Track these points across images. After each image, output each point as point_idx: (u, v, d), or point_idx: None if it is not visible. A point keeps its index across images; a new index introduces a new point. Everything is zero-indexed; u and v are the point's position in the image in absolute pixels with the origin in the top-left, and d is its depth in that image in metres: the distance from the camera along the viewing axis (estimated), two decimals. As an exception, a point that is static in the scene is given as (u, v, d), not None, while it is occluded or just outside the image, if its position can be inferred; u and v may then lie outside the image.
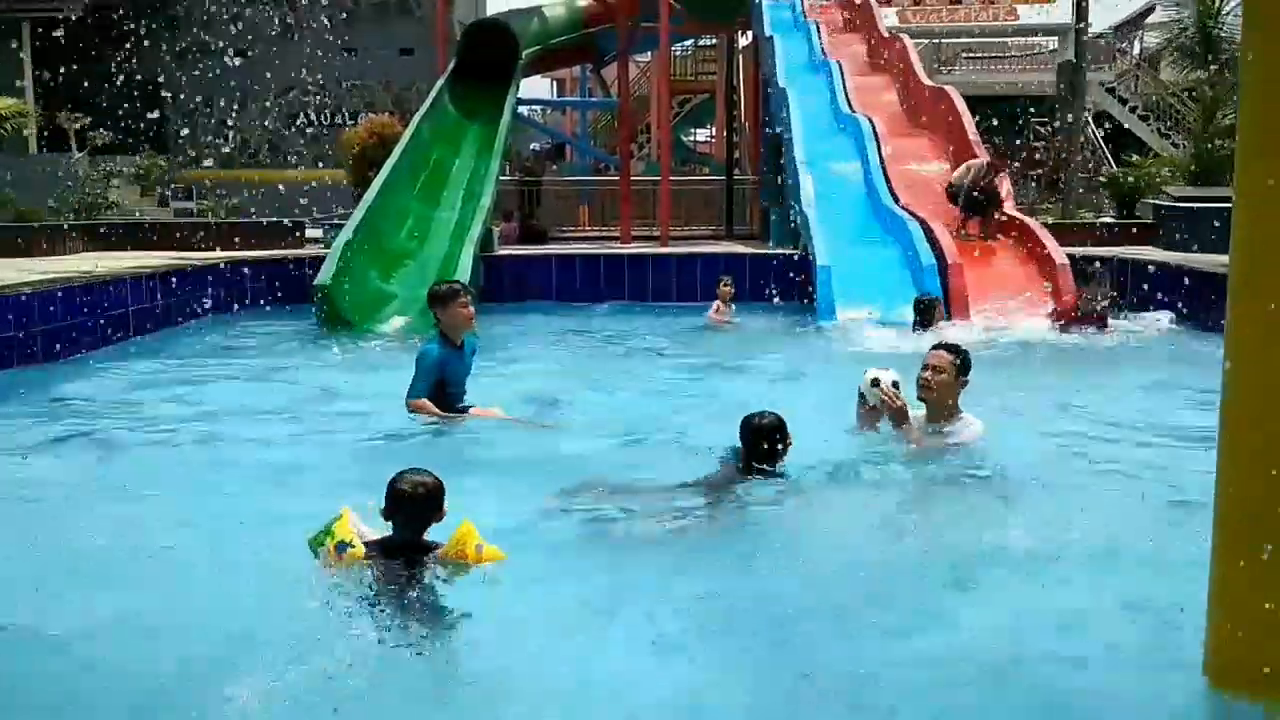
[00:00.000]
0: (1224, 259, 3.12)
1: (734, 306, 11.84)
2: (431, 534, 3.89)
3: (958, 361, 5.58)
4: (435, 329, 6.66)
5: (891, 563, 4.18)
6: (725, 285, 11.83)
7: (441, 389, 6.45)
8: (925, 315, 10.06)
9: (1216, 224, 12.82)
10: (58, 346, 9.16)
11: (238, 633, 3.50)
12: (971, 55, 31.65)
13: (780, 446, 5.04)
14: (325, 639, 3.37)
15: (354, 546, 3.81)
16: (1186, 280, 10.98)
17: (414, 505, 3.81)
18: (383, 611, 3.56)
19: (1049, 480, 5.28)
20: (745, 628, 3.63)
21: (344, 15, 22.98)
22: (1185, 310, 10.63)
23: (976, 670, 3.32)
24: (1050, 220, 15.33)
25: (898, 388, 5.48)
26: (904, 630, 3.60)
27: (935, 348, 5.74)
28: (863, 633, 3.61)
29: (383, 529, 3.91)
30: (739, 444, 5.12)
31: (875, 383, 5.51)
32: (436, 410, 6.39)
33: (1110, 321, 10.49)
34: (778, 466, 5.03)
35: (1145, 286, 11.66)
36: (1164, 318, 10.65)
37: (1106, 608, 3.75)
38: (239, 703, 3.03)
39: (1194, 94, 21.78)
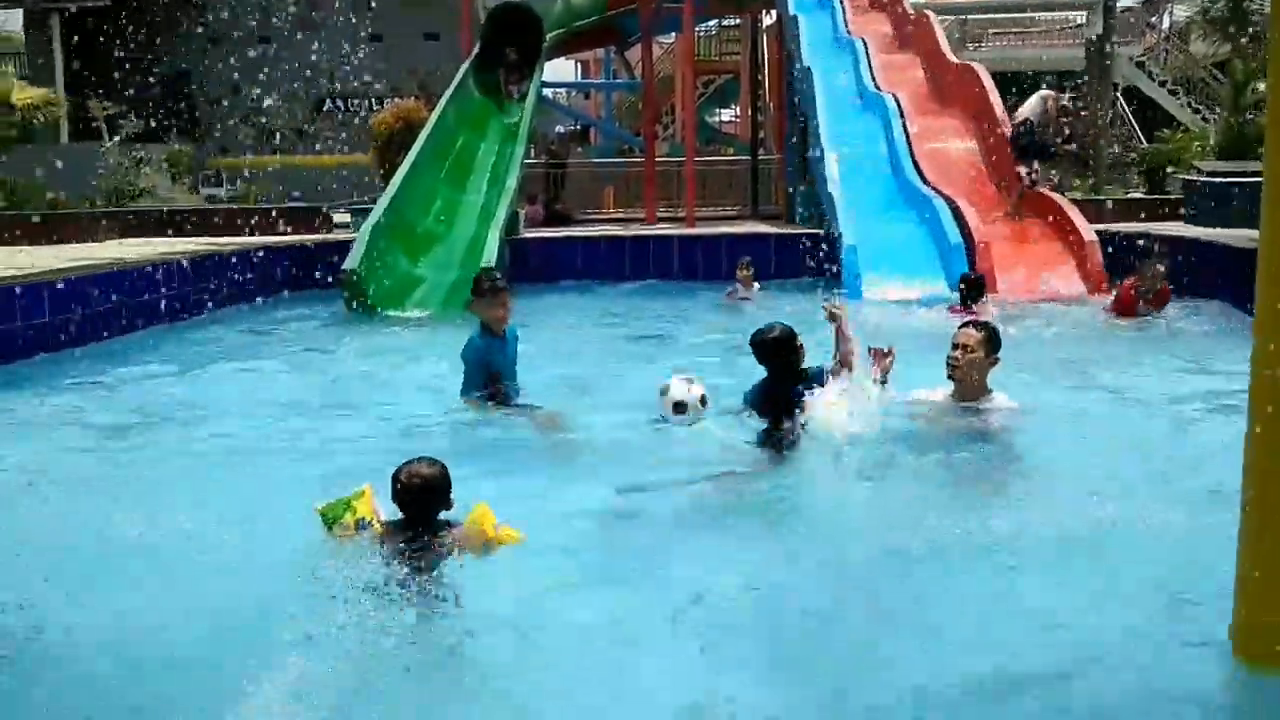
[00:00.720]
0: (1254, 234, 3.11)
1: (756, 286, 11.75)
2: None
3: (987, 339, 5.56)
4: (466, 313, 6.59)
5: (916, 548, 4.14)
6: (744, 269, 11.74)
7: (492, 382, 6.23)
8: (972, 291, 9.99)
9: (1247, 199, 12.68)
10: (88, 333, 9.28)
11: (251, 615, 3.51)
12: (998, 30, 31.34)
13: (796, 356, 5.22)
14: (339, 622, 3.38)
15: (374, 525, 3.85)
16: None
17: (411, 495, 3.81)
18: (397, 593, 3.55)
19: (1079, 460, 5.24)
20: (768, 617, 3.63)
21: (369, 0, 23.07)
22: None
23: (1003, 654, 3.33)
24: (1079, 197, 15.22)
25: (705, 404, 5.17)
26: (925, 616, 3.61)
27: (963, 326, 5.74)
28: (885, 621, 3.60)
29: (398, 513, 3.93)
30: (747, 393, 5.32)
31: (679, 407, 5.13)
32: (490, 408, 6.13)
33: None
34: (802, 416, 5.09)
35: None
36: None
37: (1137, 588, 3.73)
38: (251, 685, 3.03)
39: (1224, 67, 21.49)
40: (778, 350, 5.25)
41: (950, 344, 5.66)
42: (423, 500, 3.82)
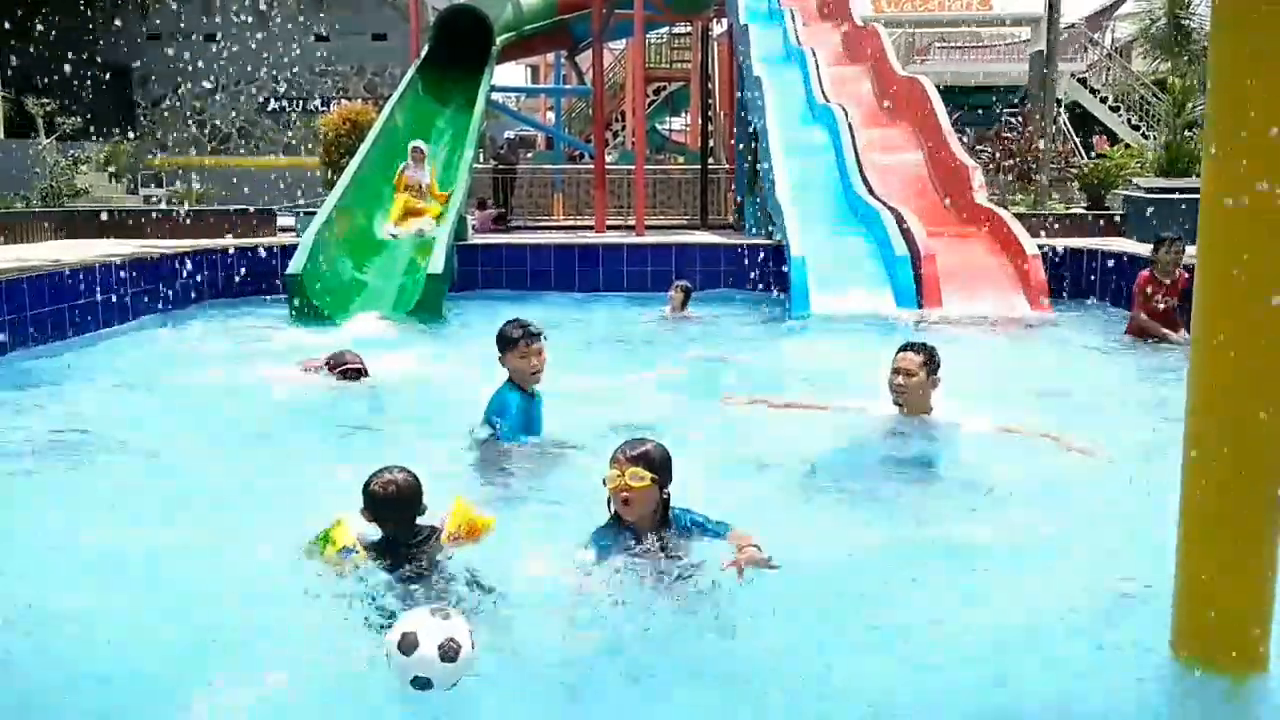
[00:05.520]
0: (1192, 249, 3.17)
1: (689, 311, 11.12)
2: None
3: (926, 362, 5.58)
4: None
5: (852, 559, 4.17)
6: (676, 291, 11.17)
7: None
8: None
9: (1185, 215, 12.95)
10: (23, 337, 9.06)
11: (241, 642, 3.41)
12: (945, 45, 31.80)
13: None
14: (337, 641, 3.35)
15: (357, 551, 3.76)
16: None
17: (386, 505, 3.75)
18: (397, 606, 3.50)
19: (1021, 471, 5.28)
20: (710, 631, 3.58)
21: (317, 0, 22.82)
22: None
23: (946, 659, 3.36)
24: (1022, 211, 15.44)
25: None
26: (865, 626, 3.63)
27: (902, 349, 5.70)
28: (830, 632, 3.61)
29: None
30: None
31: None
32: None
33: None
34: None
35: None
36: None
37: (1078, 591, 3.80)
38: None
39: (1164, 85, 21.94)
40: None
41: (891, 368, 5.65)
42: (398, 506, 3.76)
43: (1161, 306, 9.14)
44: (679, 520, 3.96)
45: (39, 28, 21.84)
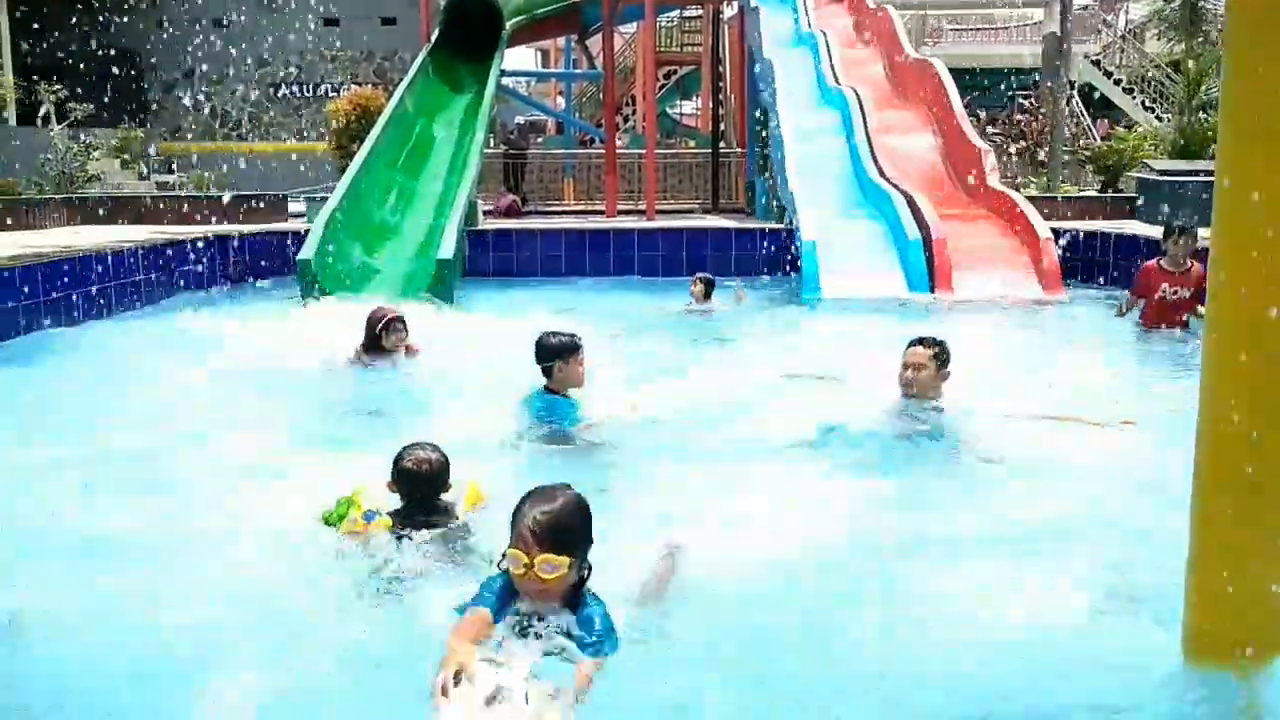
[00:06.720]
0: (1206, 231, 3.14)
1: (713, 302, 10.81)
2: None
3: (935, 355, 5.59)
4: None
5: (853, 546, 4.17)
6: (696, 284, 10.88)
7: None
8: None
9: (1199, 197, 12.88)
10: (38, 321, 9.10)
11: (262, 616, 3.45)
12: (957, 27, 31.61)
13: None
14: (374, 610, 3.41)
15: (380, 515, 3.87)
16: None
17: (417, 481, 3.86)
18: (435, 576, 3.58)
19: (1032, 460, 5.26)
20: (714, 618, 3.56)
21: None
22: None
23: (949, 653, 3.33)
24: (1034, 193, 15.37)
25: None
26: (871, 614, 3.61)
27: (912, 344, 5.71)
28: (833, 622, 3.59)
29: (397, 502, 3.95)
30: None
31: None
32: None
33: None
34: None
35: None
36: None
37: (1083, 586, 3.77)
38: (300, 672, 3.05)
39: (1178, 67, 21.78)
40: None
41: (901, 362, 5.66)
42: (429, 484, 3.87)
43: (1173, 298, 8.75)
44: (586, 608, 3.01)
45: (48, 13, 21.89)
